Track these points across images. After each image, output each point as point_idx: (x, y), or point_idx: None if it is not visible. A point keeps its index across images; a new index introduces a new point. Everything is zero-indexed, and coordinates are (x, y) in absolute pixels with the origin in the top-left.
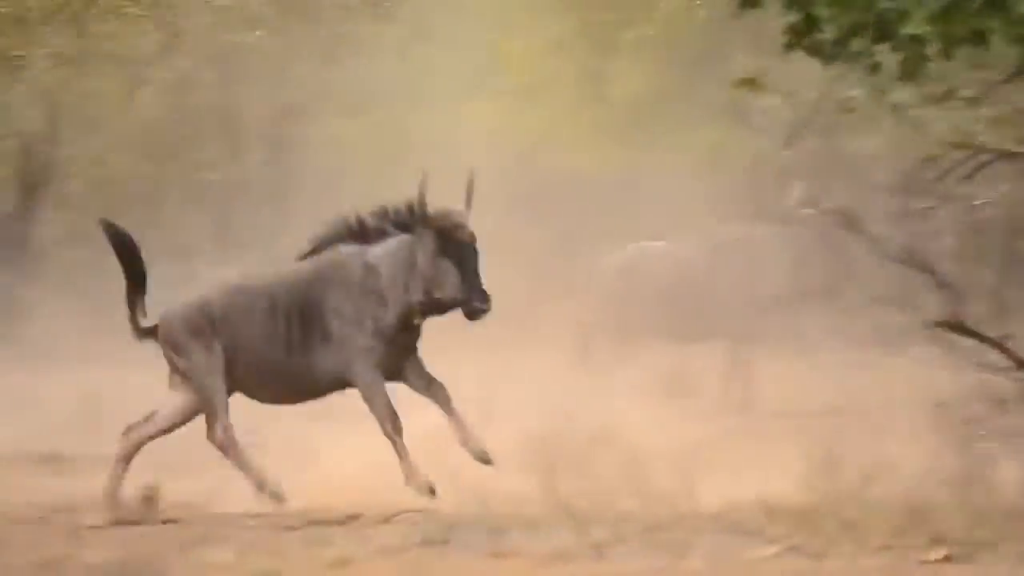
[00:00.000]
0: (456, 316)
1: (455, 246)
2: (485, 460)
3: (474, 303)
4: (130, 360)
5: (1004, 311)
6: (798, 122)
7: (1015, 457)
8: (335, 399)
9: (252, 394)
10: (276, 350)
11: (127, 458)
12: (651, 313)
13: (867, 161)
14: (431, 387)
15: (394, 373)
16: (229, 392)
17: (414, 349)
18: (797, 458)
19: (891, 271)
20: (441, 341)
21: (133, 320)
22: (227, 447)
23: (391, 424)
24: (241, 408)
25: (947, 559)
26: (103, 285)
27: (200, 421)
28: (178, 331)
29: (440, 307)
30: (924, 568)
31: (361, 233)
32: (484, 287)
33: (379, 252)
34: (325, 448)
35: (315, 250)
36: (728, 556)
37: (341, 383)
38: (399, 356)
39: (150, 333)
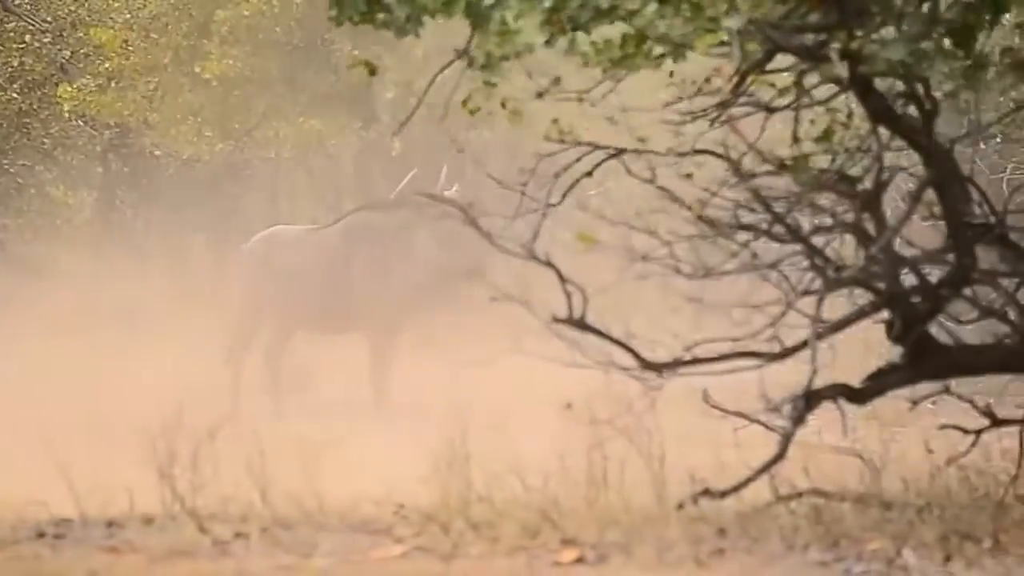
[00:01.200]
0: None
1: None
2: None
3: None
4: None
5: (626, 309)
6: (407, 111)
7: (643, 458)
8: None
9: None
10: None
11: None
12: (287, 301)
13: (484, 153)
14: None
15: None
16: None
17: None
18: (424, 456)
19: (513, 265)
20: (41, 324)
21: None
22: None
23: None
24: None
25: (580, 561)
26: None
27: None
28: None
29: None
30: (556, 570)
31: None
32: None
33: None
34: None
35: None
36: (354, 555)
37: None
38: None
39: None
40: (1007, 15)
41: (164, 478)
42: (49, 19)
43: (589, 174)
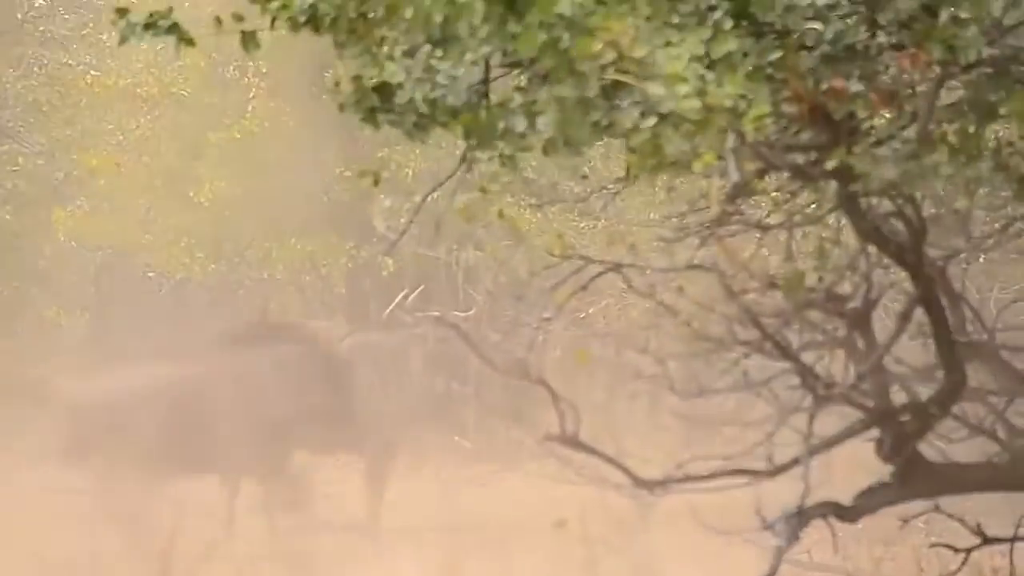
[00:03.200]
0: None
1: None
2: None
3: None
4: None
5: (619, 426)
6: (397, 231)
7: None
8: None
9: None
10: None
11: None
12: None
13: (476, 271)
14: None
15: None
16: None
17: None
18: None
19: (506, 384)
20: (34, 448)
21: None
22: None
23: None
24: None
25: None
26: None
27: None
28: None
29: None
30: None
31: None
32: None
33: None
34: None
35: None
36: None
37: None
38: None
39: None
40: (998, 132)
41: None
42: (42, 141)
43: (583, 288)
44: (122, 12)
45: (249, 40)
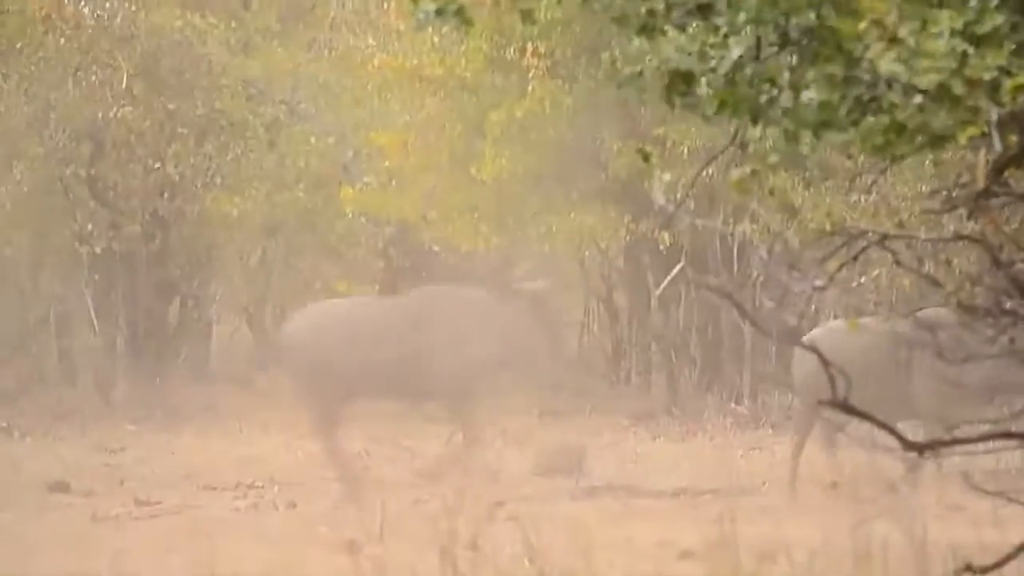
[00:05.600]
0: None
1: None
2: None
3: None
4: None
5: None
6: (674, 204)
7: (906, 536)
8: None
9: None
10: None
11: None
12: None
13: (749, 244)
14: None
15: None
16: None
17: None
18: (692, 537)
19: (777, 351)
20: None
21: None
22: None
23: None
24: None
25: None
26: None
27: None
28: None
29: None
30: None
31: None
32: None
33: None
34: None
35: None
36: None
37: None
38: None
39: None
40: None
41: (445, 558)
42: (333, 121)
43: (855, 259)
44: (417, 1)
45: (527, 17)
